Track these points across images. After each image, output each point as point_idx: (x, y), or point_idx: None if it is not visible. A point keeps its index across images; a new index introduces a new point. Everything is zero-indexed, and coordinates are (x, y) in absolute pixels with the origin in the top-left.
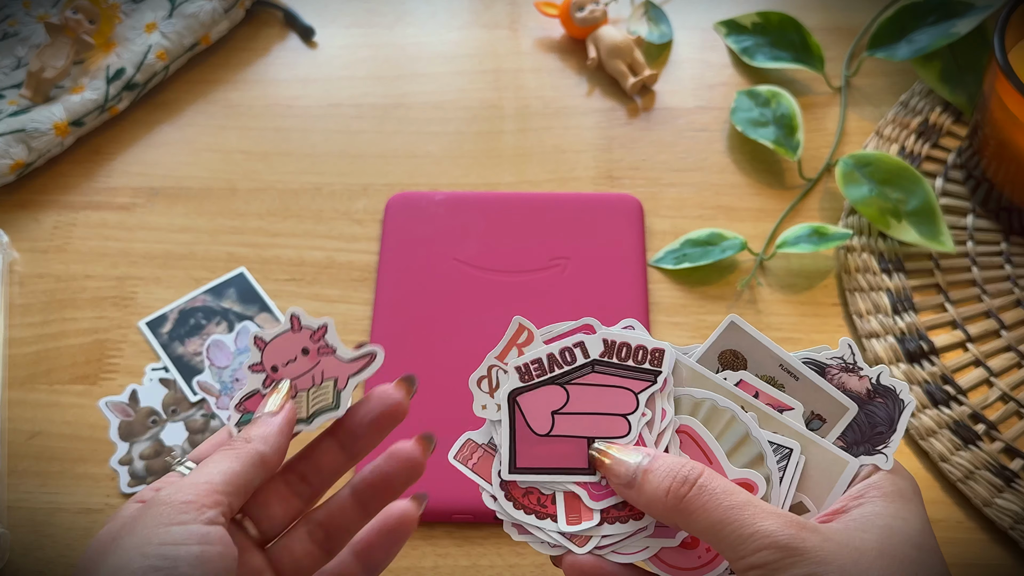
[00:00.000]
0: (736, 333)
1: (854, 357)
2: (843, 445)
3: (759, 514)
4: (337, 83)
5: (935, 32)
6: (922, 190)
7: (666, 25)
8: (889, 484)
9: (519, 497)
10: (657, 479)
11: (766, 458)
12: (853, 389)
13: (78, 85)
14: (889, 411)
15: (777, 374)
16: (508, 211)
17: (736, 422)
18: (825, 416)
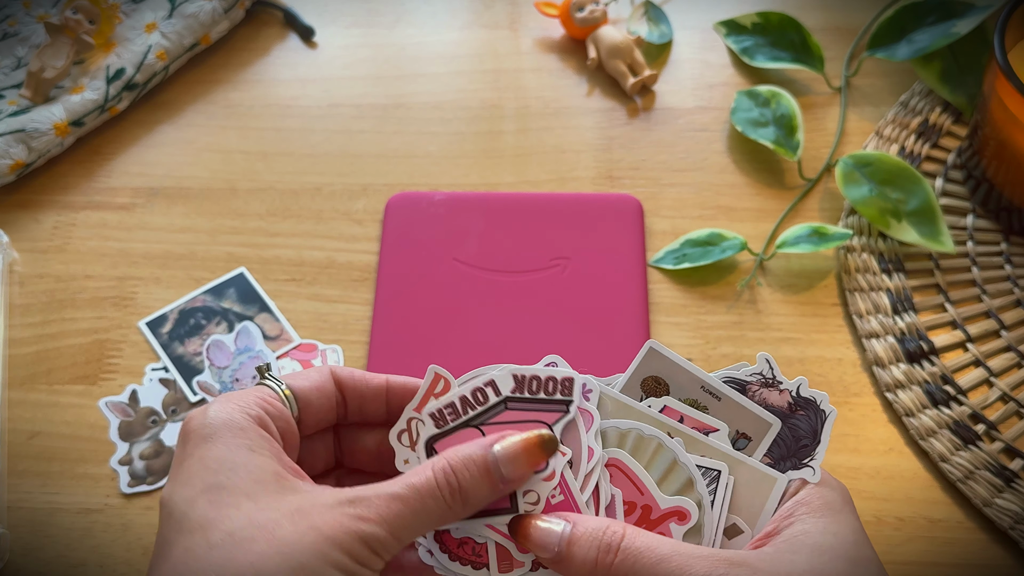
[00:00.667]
0: (656, 359)
1: (772, 372)
2: (770, 461)
3: (686, 563)
4: (337, 83)
5: (935, 32)
6: (922, 190)
7: (666, 25)
8: (817, 498)
9: (454, 548)
10: (582, 551)
11: (696, 483)
12: (775, 404)
13: (78, 85)
14: (812, 423)
15: (700, 396)
16: (508, 211)
17: (663, 449)
18: (750, 434)
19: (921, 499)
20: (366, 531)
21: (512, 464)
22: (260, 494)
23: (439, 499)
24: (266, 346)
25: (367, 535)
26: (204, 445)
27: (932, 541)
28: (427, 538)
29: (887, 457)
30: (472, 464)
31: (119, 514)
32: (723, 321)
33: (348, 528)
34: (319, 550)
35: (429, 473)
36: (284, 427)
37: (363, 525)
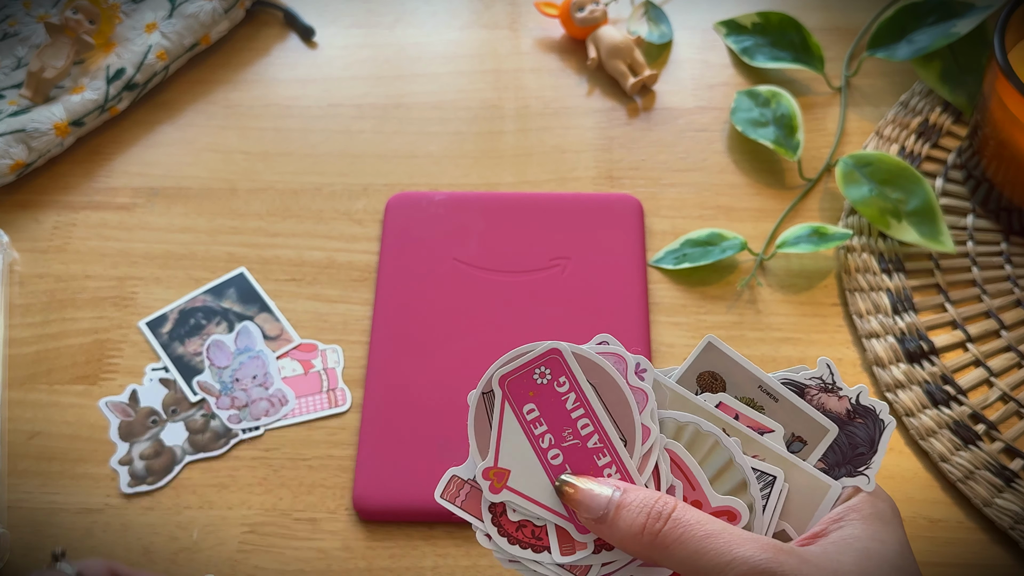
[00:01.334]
0: (714, 354)
1: (833, 377)
2: (824, 467)
3: (735, 541)
4: (337, 83)
5: (935, 32)
6: (922, 190)
7: (666, 25)
8: (868, 506)
9: (513, 532)
10: (631, 515)
11: (749, 485)
12: (833, 409)
13: (78, 85)
14: (870, 431)
15: (756, 395)
16: (508, 211)
17: (720, 447)
18: (806, 438)
19: (921, 499)
20: None
21: None
22: None
23: None
24: (266, 346)
25: None
26: None
27: (932, 541)
28: (484, 522)
29: (887, 457)
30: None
31: (119, 514)
32: (723, 321)
33: None
34: None
35: None
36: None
37: None
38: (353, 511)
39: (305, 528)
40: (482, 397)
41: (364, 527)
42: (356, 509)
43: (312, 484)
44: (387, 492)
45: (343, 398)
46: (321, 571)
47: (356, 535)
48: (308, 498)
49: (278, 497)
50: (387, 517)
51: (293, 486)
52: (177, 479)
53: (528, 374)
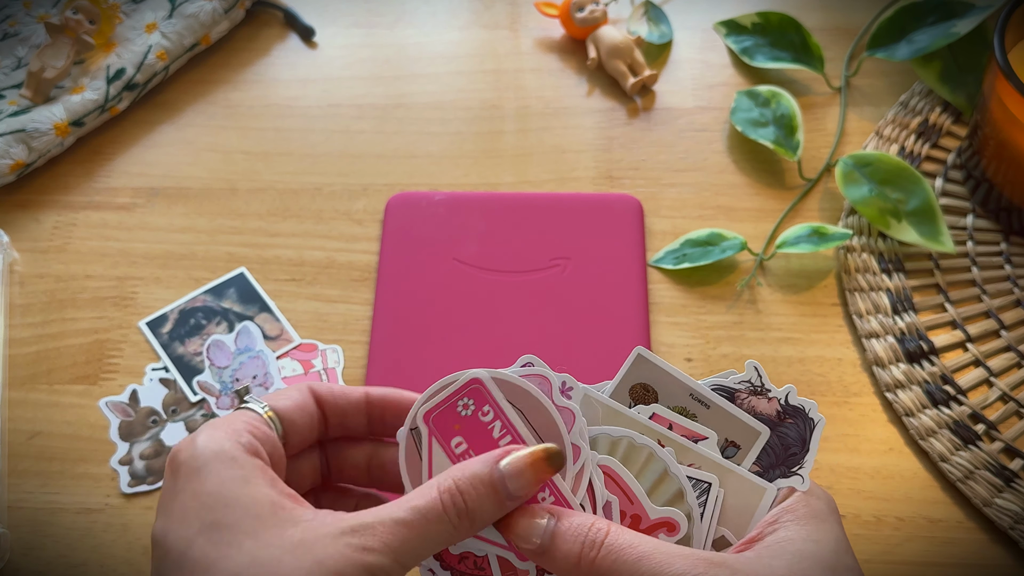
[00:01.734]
0: (644, 366)
1: (761, 380)
2: (759, 470)
3: (666, 560)
4: (337, 83)
5: (935, 32)
6: (922, 190)
7: (666, 25)
8: (803, 506)
9: (455, 564)
10: (566, 545)
11: (686, 494)
12: (763, 412)
13: (78, 85)
14: (800, 431)
15: (688, 404)
16: (508, 211)
17: (654, 459)
18: (739, 442)
19: (921, 499)
20: (371, 562)
21: (519, 480)
22: (260, 530)
23: (445, 522)
24: (266, 346)
25: (372, 566)
26: (196, 479)
27: (932, 541)
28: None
29: (887, 457)
30: (479, 483)
31: (119, 514)
32: (723, 321)
33: (352, 560)
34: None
35: (435, 494)
36: (272, 451)
37: (368, 556)
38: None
39: None
40: (410, 434)
41: None
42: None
43: None
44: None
45: None
46: None
47: None
48: None
49: None
50: None
51: None
52: None
53: (452, 407)
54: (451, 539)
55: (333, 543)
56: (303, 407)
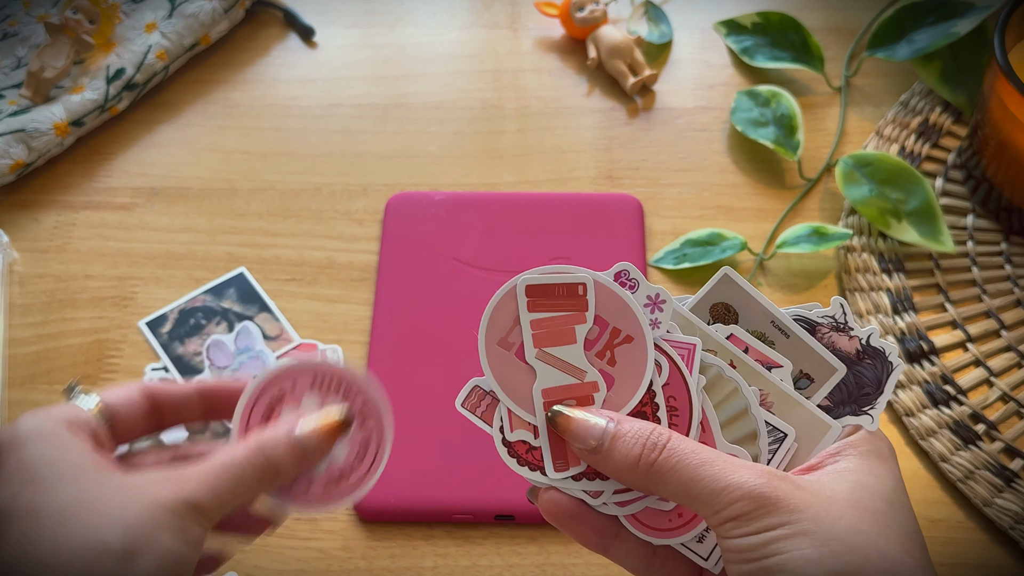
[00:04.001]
0: (729, 286)
1: (845, 317)
2: (829, 405)
3: (729, 467)
4: (337, 83)
5: (935, 32)
6: (922, 190)
7: (666, 25)
8: (866, 444)
9: (522, 453)
10: (626, 446)
11: (759, 437)
12: (843, 349)
13: (78, 85)
14: (877, 372)
15: (768, 331)
16: (508, 211)
17: (738, 395)
18: (813, 376)
19: (921, 499)
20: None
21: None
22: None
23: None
24: (266, 346)
25: (190, 499)
26: (17, 450)
27: (932, 541)
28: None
29: None
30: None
31: None
32: None
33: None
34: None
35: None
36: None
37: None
38: (353, 511)
39: (305, 528)
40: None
41: (364, 527)
42: (356, 509)
43: None
44: (387, 492)
45: None
46: (321, 571)
47: (356, 535)
48: None
49: None
50: (387, 517)
51: None
52: None
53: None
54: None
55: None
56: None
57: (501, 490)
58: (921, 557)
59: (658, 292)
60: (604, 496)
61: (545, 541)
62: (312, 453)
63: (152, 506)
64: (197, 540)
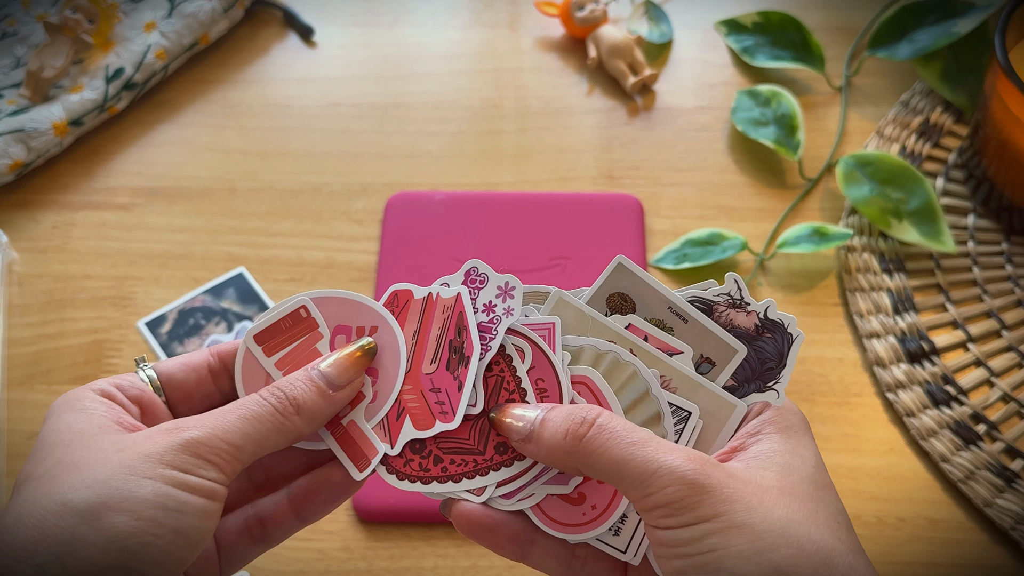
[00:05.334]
0: (624, 275)
1: (740, 293)
2: (734, 384)
3: (662, 449)
4: (337, 83)
5: (936, 32)
6: (923, 190)
7: (666, 24)
8: (782, 420)
9: (400, 468)
10: (555, 425)
11: (663, 418)
12: (741, 325)
13: (77, 85)
14: (778, 346)
15: (666, 317)
16: (508, 211)
17: (637, 378)
18: (715, 359)
19: (922, 499)
20: (184, 438)
21: (339, 371)
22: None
23: (267, 407)
24: None
25: (186, 441)
26: (45, 423)
27: (933, 542)
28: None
29: (888, 457)
30: (296, 378)
31: None
32: None
33: (164, 441)
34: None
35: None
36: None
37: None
38: (353, 511)
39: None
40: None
41: (364, 527)
42: (356, 509)
43: None
44: (387, 492)
45: None
46: (321, 571)
47: (356, 535)
48: None
49: None
50: (387, 517)
51: None
52: None
53: None
54: (283, 427)
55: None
56: (189, 363)
57: None
58: (849, 539)
59: (507, 280)
60: (488, 491)
61: None
62: (337, 385)
63: (134, 458)
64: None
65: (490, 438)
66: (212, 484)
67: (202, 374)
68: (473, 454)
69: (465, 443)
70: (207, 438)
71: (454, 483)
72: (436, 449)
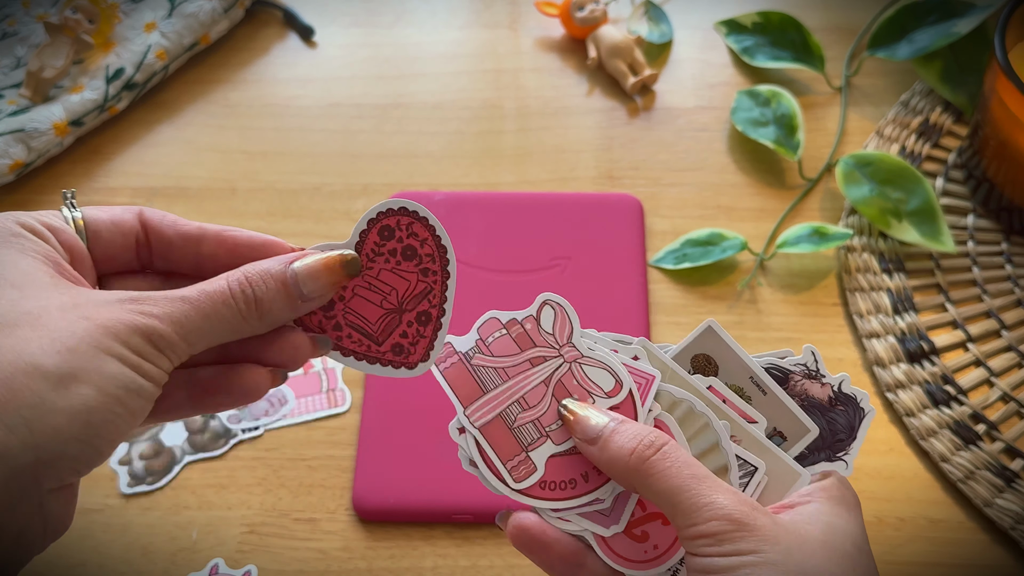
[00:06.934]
0: (712, 338)
1: (817, 365)
2: (804, 451)
3: (717, 488)
4: (337, 83)
5: (936, 32)
6: (923, 190)
7: (666, 25)
8: (836, 490)
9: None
10: (623, 439)
11: (730, 471)
12: (816, 396)
13: (77, 85)
14: (850, 419)
15: (746, 385)
16: (508, 211)
17: (709, 430)
18: (787, 434)
19: (922, 499)
20: (148, 325)
21: (312, 280)
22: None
23: (231, 306)
24: None
25: (147, 328)
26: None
27: (933, 541)
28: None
29: (888, 457)
30: (269, 277)
31: (119, 514)
32: (724, 321)
33: (126, 320)
34: (92, 337)
35: (223, 281)
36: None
37: (143, 318)
38: (353, 511)
39: (305, 528)
40: None
41: (364, 527)
42: (356, 509)
43: (312, 484)
44: (387, 492)
45: (343, 398)
46: (321, 571)
47: (356, 535)
48: (308, 498)
49: (277, 497)
50: (387, 517)
51: (293, 486)
52: (176, 479)
53: None
54: (239, 327)
55: (107, 305)
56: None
57: None
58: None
59: None
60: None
61: None
62: (306, 293)
63: (100, 330)
64: (153, 375)
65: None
66: (162, 372)
67: (128, 241)
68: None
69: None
70: (167, 333)
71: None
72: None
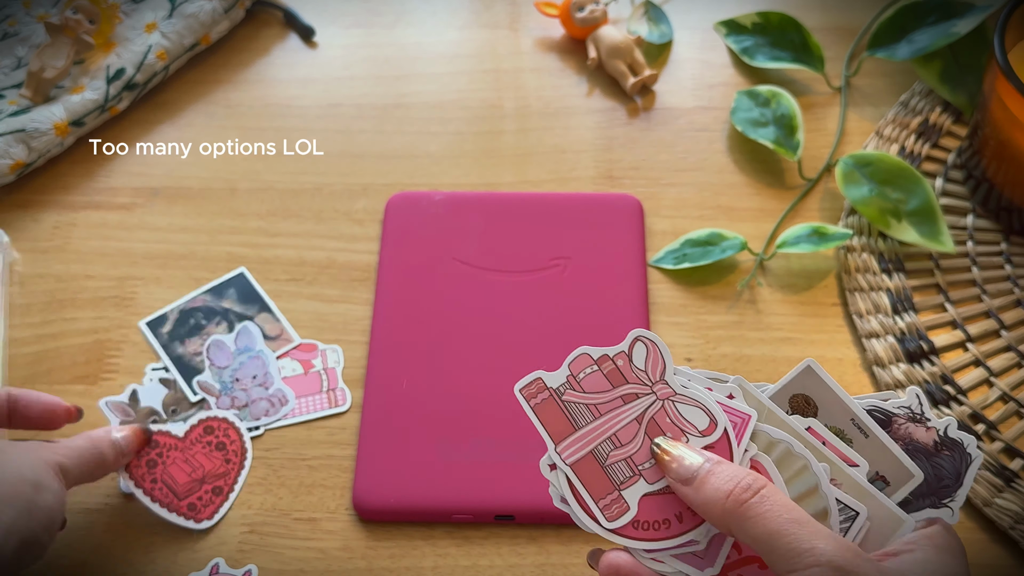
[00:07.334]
0: (811, 379)
1: (922, 408)
2: (909, 497)
3: (818, 533)
4: (337, 83)
5: (935, 32)
6: (922, 190)
7: (666, 25)
8: (941, 538)
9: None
10: (719, 481)
11: (830, 515)
12: (920, 440)
13: (78, 85)
14: (956, 464)
15: (847, 427)
16: (508, 211)
17: (808, 472)
18: (890, 479)
19: None
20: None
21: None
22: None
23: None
24: (266, 346)
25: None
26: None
27: None
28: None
29: None
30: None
31: (119, 514)
32: (723, 321)
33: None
34: (41, 464)
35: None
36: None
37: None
38: (353, 511)
39: (305, 528)
40: None
41: (364, 527)
42: (356, 509)
43: (312, 484)
44: (387, 492)
45: (343, 398)
46: (321, 571)
47: (356, 535)
48: (308, 498)
49: (278, 497)
50: (387, 517)
51: (293, 486)
52: None
53: None
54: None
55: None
56: None
57: (501, 490)
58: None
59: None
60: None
61: (545, 541)
62: (126, 451)
63: (41, 461)
64: (64, 491)
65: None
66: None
67: None
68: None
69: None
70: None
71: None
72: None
